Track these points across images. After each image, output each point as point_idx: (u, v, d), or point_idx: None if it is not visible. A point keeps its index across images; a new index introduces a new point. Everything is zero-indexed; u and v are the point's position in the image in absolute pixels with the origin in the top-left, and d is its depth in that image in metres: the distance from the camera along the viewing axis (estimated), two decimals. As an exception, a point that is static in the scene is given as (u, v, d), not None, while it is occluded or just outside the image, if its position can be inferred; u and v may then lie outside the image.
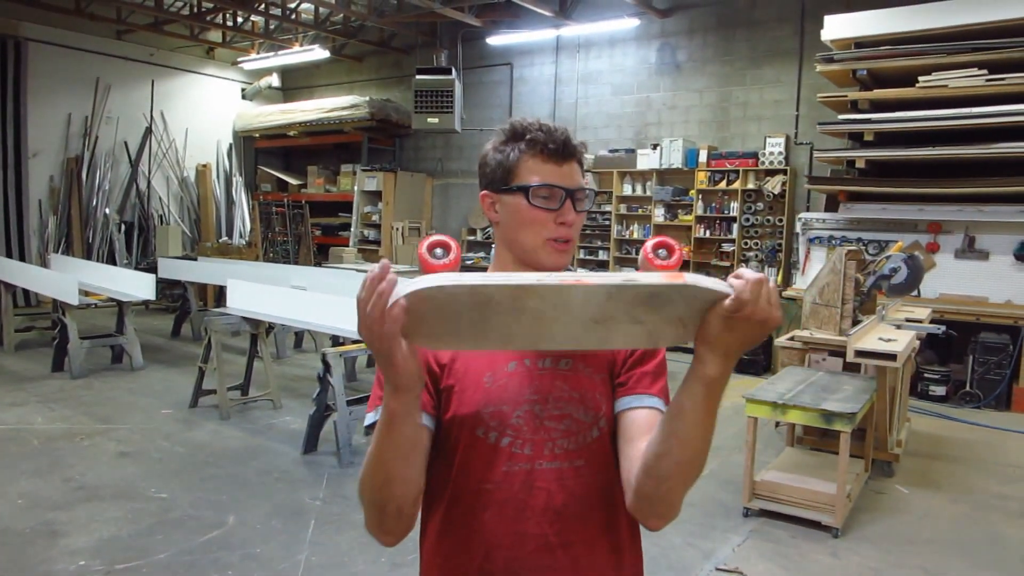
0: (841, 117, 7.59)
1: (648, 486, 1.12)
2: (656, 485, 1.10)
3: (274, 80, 14.08)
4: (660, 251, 1.03)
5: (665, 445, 1.06)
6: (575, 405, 1.23)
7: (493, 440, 1.21)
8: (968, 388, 7.01)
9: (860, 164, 7.54)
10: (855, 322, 4.95)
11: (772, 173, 8.80)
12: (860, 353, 4.43)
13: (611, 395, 1.27)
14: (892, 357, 4.34)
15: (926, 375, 7.09)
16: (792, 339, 5.19)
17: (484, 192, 1.31)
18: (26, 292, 10.38)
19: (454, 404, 1.23)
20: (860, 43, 7.42)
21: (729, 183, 9.10)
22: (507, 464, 1.21)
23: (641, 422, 1.22)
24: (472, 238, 11.89)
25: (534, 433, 1.21)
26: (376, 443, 1.09)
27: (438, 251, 1.00)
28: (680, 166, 9.42)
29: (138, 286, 7.47)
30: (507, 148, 1.27)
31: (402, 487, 1.12)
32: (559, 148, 1.25)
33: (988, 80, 6.67)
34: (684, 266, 9.37)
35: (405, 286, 0.91)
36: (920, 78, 7.02)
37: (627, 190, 10.03)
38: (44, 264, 9.92)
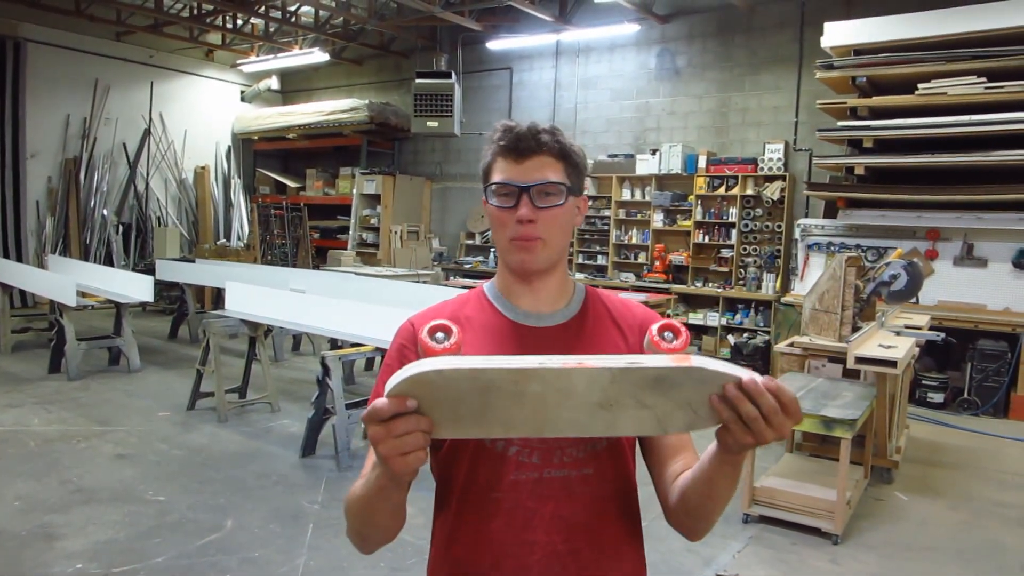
0: (840, 124, 7.62)
1: (688, 522, 1.23)
2: (696, 522, 1.22)
3: (273, 83, 14.08)
4: (666, 334, 1.00)
5: (704, 504, 1.17)
6: None
7: (500, 449, 1.21)
8: (966, 395, 7.01)
9: (859, 171, 7.56)
10: (855, 328, 4.95)
11: (771, 179, 8.82)
12: (860, 360, 4.44)
13: None
14: (892, 364, 4.35)
15: (924, 382, 7.10)
16: (791, 345, 5.18)
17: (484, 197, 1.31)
18: (23, 293, 10.34)
19: None
20: (859, 50, 7.45)
21: (728, 189, 9.12)
22: (515, 473, 1.21)
23: (671, 445, 1.27)
24: (470, 242, 11.88)
25: (542, 442, 1.21)
26: (364, 495, 1.12)
27: (439, 335, 0.98)
28: (679, 171, 9.43)
29: (136, 288, 7.45)
30: (485, 151, 1.27)
31: (385, 533, 1.19)
32: (512, 144, 1.22)
33: (987, 88, 6.70)
34: (683, 272, 9.34)
35: (403, 371, 0.90)
36: (919, 85, 7.06)
37: (626, 195, 10.03)
38: (41, 265, 9.90)
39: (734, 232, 9.08)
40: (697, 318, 9.25)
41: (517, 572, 1.21)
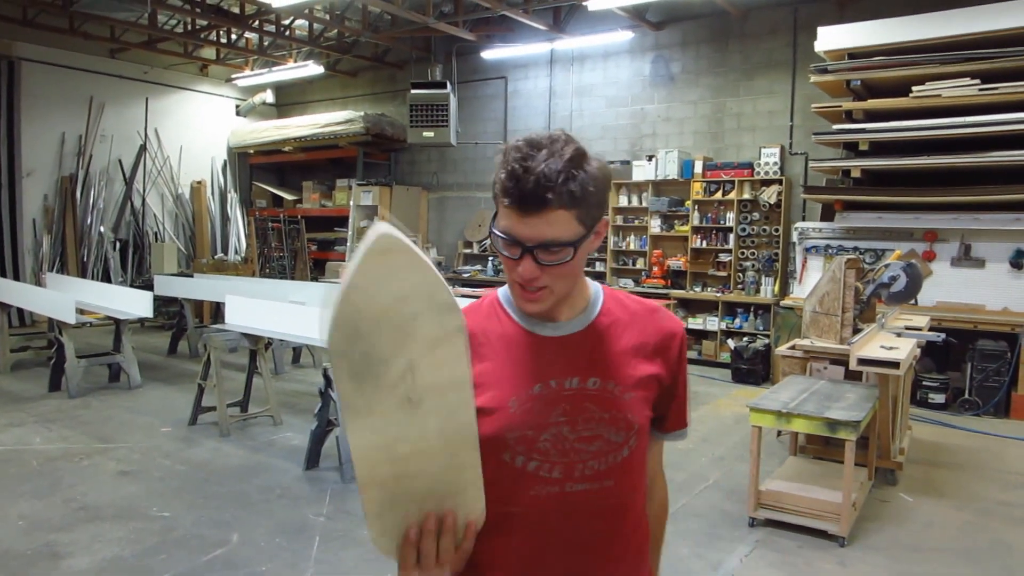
0: (836, 127, 7.65)
1: None
2: None
3: (268, 96, 14.10)
4: None
5: None
6: (605, 426, 1.22)
7: (520, 464, 1.19)
8: (967, 395, 7.02)
9: (855, 173, 7.58)
10: (855, 330, 4.96)
11: (767, 183, 8.85)
12: (863, 361, 4.45)
13: (645, 411, 1.27)
14: (895, 365, 4.36)
15: (925, 383, 7.11)
16: (793, 348, 5.20)
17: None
18: (20, 311, 10.31)
19: (479, 427, 1.19)
20: (854, 54, 7.49)
21: (725, 193, 9.14)
22: (535, 488, 1.20)
23: (661, 447, 1.44)
24: (468, 251, 11.89)
25: (563, 456, 1.20)
26: None
27: None
28: (676, 177, 9.45)
29: (135, 304, 7.43)
30: (496, 177, 1.15)
31: None
32: (516, 200, 1.11)
33: (981, 90, 6.74)
34: (682, 277, 9.29)
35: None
36: (914, 88, 7.09)
37: (623, 202, 10.05)
38: (39, 283, 9.87)
39: (732, 236, 9.10)
40: (696, 323, 9.26)
41: None
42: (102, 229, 12.01)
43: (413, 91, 10.56)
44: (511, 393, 1.21)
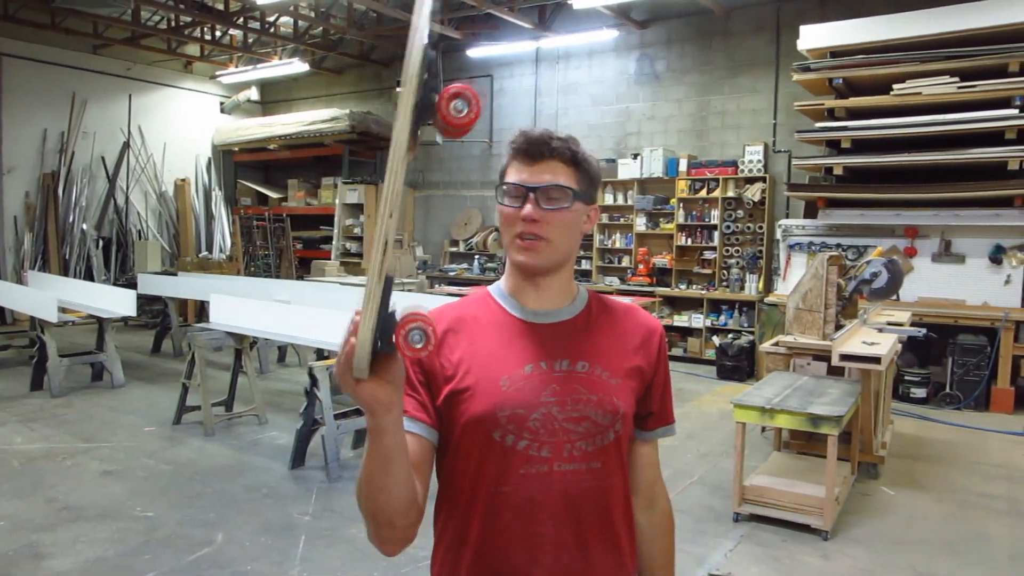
0: (818, 125, 7.72)
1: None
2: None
3: (253, 94, 14.03)
4: (457, 103, 1.00)
5: None
6: (593, 408, 1.25)
7: (510, 443, 1.22)
8: (948, 390, 7.11)
9: (838, 171, 7.66)
10: (838, 326, 5.01)
11: (751, 181, 8.91)
12: (845, 357, 4.50)
13: (630, 400, 1.31)
14: (876, 360, 4.41)
15: (906, 378, 7.19)
16: (776, 344, 5.24)
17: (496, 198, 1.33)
18: (1, 310, 10.22)
19: (468, 407, 1.22)
20: (835, 52, 7.56)
21: (709, 191, 9.19)
22: (524, 467, 1.22)
23: (656, 452, 1.43)
24: (454, 249, 11.89)
25: (552, 436, 1.23)
26: (364, 455, 1.12)
27: (415, 334, 0.94)
28: (661, 175, 9.50)
29: (118, 302, 7.37)
30: (504, 155, 1.30)
31: (386, 498, 1.11)
32: (523, 147, 1.25)
33: (960, 87, 6.82)
34: (667, 274, 9.35)
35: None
36: (895, 86, 7.17)
37: (608, 200, 10.08)
38: (20, 281, 9.78)
39: (716, 234, 9.16)
40: (682, 320, 9.31)
41: (528, 565, 1.23)
42: (85, 227, 11.90)
43: (399, 89, 10.51)
44: (503, 372, 1.24)
